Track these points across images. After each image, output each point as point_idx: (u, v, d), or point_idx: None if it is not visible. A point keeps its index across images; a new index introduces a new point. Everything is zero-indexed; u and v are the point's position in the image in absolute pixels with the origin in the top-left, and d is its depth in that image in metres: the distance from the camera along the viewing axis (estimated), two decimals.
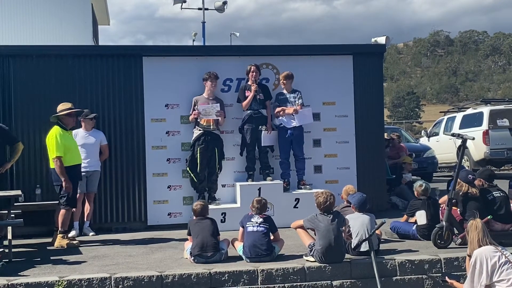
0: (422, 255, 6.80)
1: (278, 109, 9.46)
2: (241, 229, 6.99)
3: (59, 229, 7.89)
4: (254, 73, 9.38)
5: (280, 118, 9.49)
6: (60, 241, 7.85)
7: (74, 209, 8.10)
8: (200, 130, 9.20)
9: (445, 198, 7.65)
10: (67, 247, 7.74)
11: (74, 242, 7.90)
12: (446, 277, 6.05)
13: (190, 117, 9.30)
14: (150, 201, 9.41)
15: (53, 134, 7.82)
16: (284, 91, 9.58)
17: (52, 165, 7.85)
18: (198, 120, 9.19)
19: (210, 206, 8.90)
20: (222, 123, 9.36)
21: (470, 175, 7.69)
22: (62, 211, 7.87)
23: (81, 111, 8.57)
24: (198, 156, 9.13)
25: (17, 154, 8.25)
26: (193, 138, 9.25)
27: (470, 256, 5.29)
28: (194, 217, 7.10)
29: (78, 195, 8.34)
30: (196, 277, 6.20)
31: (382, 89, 10.62)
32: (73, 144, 8.07)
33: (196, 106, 9.18)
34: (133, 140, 9.44)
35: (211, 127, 9.19)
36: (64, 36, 21.08)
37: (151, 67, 9.55)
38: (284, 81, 9.51)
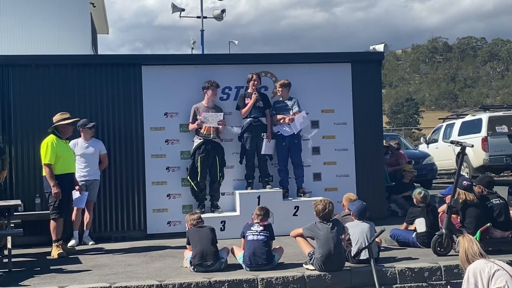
0: (422, 263, 6.80)
1: (279, 117, 9.47)
2: (242, 240, 6.96)
3: (53, 239, 7.90)
4: (256, 82, 9.41)
5: (278, 126, 9.51)
6: (54, 251, 7.86)
7: (63, 218, 8.01)
8: (200, 139, 9.20)
9: (444, 207, 7.63)
10: (58, 257, 7.72)
11: (63, 251, 7.85)
12: (449, 286, 6.02)
13: (191, 126, 9.29)
14: (150, 209, 9.41)
15: (46, 142, 7.93)
16: (281, 99, 9.62)
17: (44, 172, 7.93)
18: (199, 128, 9.20)
19: (212, 214, 9.00)
20: (223, 131, 9.37)
21: (465, 181, 7.62)
22: (52, 222, 7.88)
23: (77, 120, 8.59)
24: (199, 165, 9.13)
25: (6, 166, 8.61)
26: (193, 147, 9.26)
27: None
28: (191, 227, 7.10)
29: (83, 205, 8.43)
30: (196, 286, 6.19)
31: (380, 96, 10.65)
32: (66, 153, 8.07)
33: (197, 116, 9.18)
34: (132, 149, 9.45)
35: (211, 135, 9.18)
36: (63, 46, 21.14)
37: (150, 76, 9.57)
38: (280, 89, 9.54)
